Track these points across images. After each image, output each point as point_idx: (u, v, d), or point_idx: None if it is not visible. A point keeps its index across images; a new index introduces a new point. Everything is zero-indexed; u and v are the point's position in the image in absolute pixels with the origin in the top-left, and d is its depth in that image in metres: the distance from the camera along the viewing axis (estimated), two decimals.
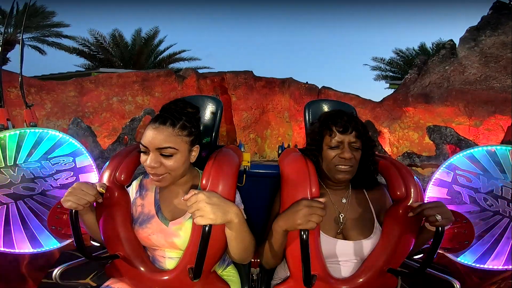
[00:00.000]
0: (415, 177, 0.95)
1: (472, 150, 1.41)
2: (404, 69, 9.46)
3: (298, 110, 4.12)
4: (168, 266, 0.90)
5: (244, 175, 1.21)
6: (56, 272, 0.97)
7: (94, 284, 1.21)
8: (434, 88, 2.73)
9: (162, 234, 0.86)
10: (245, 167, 1.22)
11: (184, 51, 10.09)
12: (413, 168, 2.59)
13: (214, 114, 1.19)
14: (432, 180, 1.43)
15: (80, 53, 8.91)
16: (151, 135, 0.80)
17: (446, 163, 1.43)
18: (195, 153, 0.88)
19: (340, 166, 0.87)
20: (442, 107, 2.67)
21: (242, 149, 1.27)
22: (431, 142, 2.56)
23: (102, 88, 3.06)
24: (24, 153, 1.34)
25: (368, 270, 0.85)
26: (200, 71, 4.52)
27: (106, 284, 0.94)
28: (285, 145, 1.33)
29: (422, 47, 9.51)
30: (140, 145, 0.82)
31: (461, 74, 2.57)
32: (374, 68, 10.12)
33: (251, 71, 4.32)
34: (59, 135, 1.41)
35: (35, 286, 1.45)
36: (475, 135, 2.49)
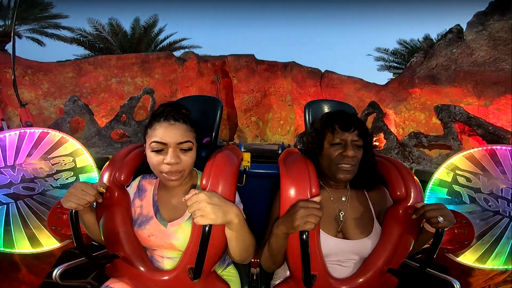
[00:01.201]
0: (415, 177, 0.95)
1: (472, 150, 1.41)
2: (408, 60, 9.39)
3: (301, 93, 4.06)
4: (166, 266, 0.90)
5: (244, 175, 1.21)
6: (56, 272, 0.97)
7: (96, 284, 1.21)
8: (441, 70, 2.68)
9: (161, 235, 0.86)
10: (245, 167, 1.22)
11: (184, 39, 10.00)
12: (420, 149, 2.46)
13: (214, 114, 1.19)
14: (432, 180, 1.43)
15: (79, 43, 8.81)
16: (169, 131, 0.80)
17: (446, 163, 1.43)
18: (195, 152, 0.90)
19: (342, 165, 0.87)
20: (449, 87, 2.60)
21: (242, 149, 1.27)
22: (439, 122, 2.46)
23: (101, 70, 3.06)
24: (24, 153, 1.34)
25: (368, 270, 0.85)
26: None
27: (106, 284, 0.94)
28: (287, 128, 1.34)
29: (427, 38, 9.36)
30: (154, 144, 0.79)
31: (469, 57, 2.52)
32: (378, 59, 10.01)
33: (253, 55, 4.24)
34: (59, 135, 1.41)
35: (37, 285, 1.46)
36: (484, 114, 2.42)
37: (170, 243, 0.86)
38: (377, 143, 2.82)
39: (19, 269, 1.45)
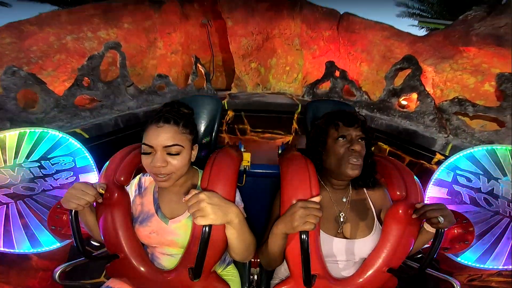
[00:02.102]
0: (415, 177, 0.95)
1: (472, 150, 1.41)
2: (437, 10, 8.65)
3: (312, 37, 3.43)
4: (166, 263, 0.90)
5: (244, 175, 1.21)
6: (56, 272, 0.97)
7: (103, 281, 1.20)
8: None
9: (162, 232, 0.87)
10: (245, 167, 1.23)
11: None
12: (460, 117, 2.08)
13: (214, 114, 1.19)
14: (432, 180, 1.43)
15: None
16: (156, 134, 0.79)
17: (446, 163, 1.43)
18: (194, 152, 0.89)
19: (351, 159, 0.86)
20: None
21: (242, 149, 1.27)
22: (491, 90, 2.06)
23: (49, 29, 2.50)
24: (24, 153, 1.34)
25: (368, 270, 0.85)
26: None
27: (106, 284, 0.94)
28: (294, 76, 1.30)
29: None
30: (143, 146, 0.80)
31: None
32: (400, 4, 9.24)
33: None
34: (59, 135, 1.41)
35: (52, 268, 1.44)
36: None
37: (170, 239, 0.87)
38: (405, 102, 2.48)
39: (29, 258, 1.45)
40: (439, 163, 1.95)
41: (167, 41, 3.39)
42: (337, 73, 2.88)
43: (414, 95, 2.34)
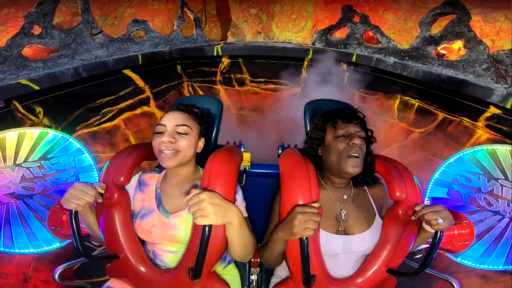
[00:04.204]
0: (414, 177, 0.95)
1: (472, 150, 1.41)
2: None
3: None
4: (168, 260, 0.91)
5: (244, 175, 1.21)
6: (56, 272, 0.97)
7: (105, 280, 1.18)
8: None
9: (163, 227, 0.87)
10: (245, 167, 1.23)
11: None
12: None
13: (214, 114, 1.19)
14: (432, 180, 1.43)
15: None
16: (170, 115, 0.90)
17: (446, 163, 1.43)
18: (201, 144, 0.96)
19: (352, 155, 0.85)
20: None
21: (242, 149, 1.27)
22: None
23: None
24: (24, 153, 1.34)
25: (367, 270, 0.85)
26: None
27: (106, 284, 0.94)
28: (302, 24, 1.26)
29: None
30: (158, 126, 0.90)
31: None
32: None
33: None
34: (59, 135, 1.41)
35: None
36: None
37: (171, 234, 0.87)
38: (444, 52, 2.22)
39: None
40: (490, 119, 1.72)
41: None
42: (357, 18, 2.64)
43: (456, 45, 2.09)
